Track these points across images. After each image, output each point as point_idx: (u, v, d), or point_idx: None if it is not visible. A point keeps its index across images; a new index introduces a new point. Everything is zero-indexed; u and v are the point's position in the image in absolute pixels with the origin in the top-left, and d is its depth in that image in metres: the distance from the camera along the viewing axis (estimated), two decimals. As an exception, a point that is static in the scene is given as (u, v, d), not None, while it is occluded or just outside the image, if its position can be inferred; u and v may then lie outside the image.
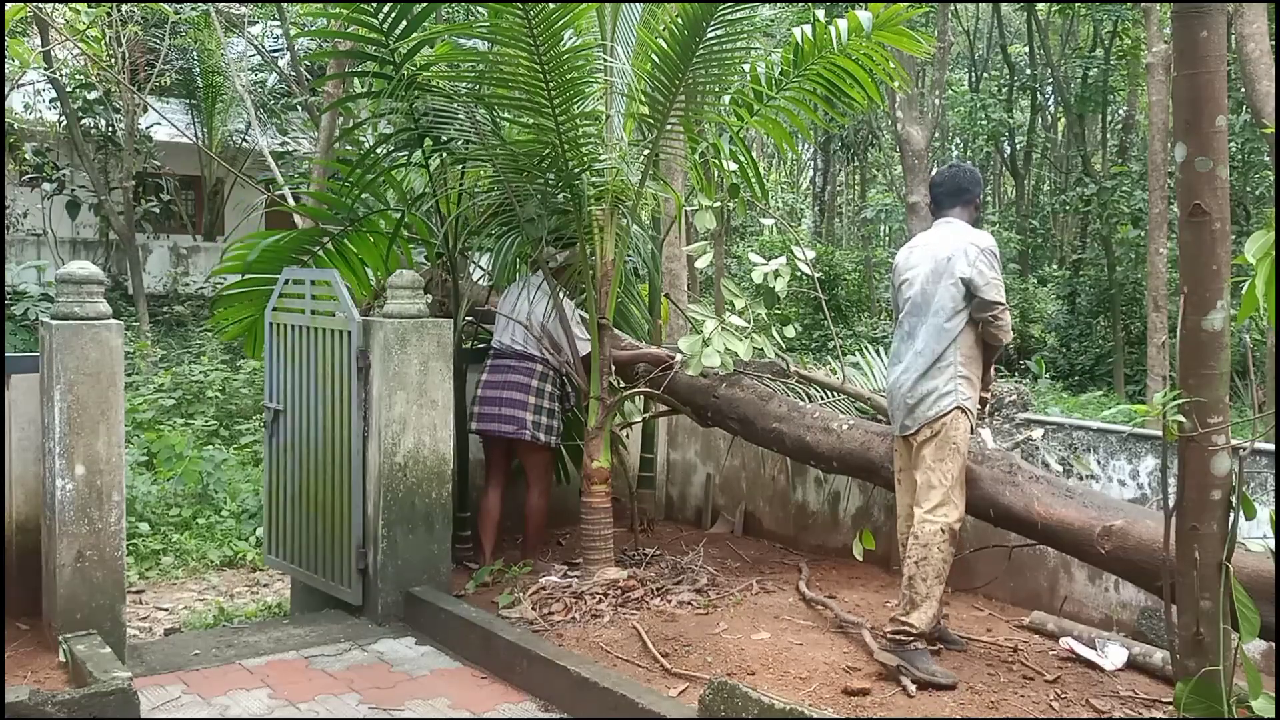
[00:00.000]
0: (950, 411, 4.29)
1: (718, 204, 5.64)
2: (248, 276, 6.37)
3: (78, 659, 4.23)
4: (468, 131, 5.69)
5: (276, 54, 16.83)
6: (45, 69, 14.49)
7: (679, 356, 5.43)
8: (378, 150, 6.07)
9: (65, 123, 16.02)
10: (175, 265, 19.33)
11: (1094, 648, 4.53)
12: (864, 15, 5.41)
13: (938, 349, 4.33)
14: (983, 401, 4.53)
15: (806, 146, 23.66)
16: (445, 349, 5.41)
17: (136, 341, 13.68)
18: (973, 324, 4.35)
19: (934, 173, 4.82)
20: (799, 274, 5.43)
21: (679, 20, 4.92)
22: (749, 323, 5.32)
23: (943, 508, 4.29)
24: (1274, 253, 2.96)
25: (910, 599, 4.27)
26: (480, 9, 5.46)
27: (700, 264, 5.65)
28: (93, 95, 16.05)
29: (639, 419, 6.56)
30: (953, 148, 23.86)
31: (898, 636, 4.26)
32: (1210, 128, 3.18)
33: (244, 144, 19.47)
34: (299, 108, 16.03)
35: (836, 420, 5.17)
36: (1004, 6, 21.03)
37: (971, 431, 4.41)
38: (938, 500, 4.30)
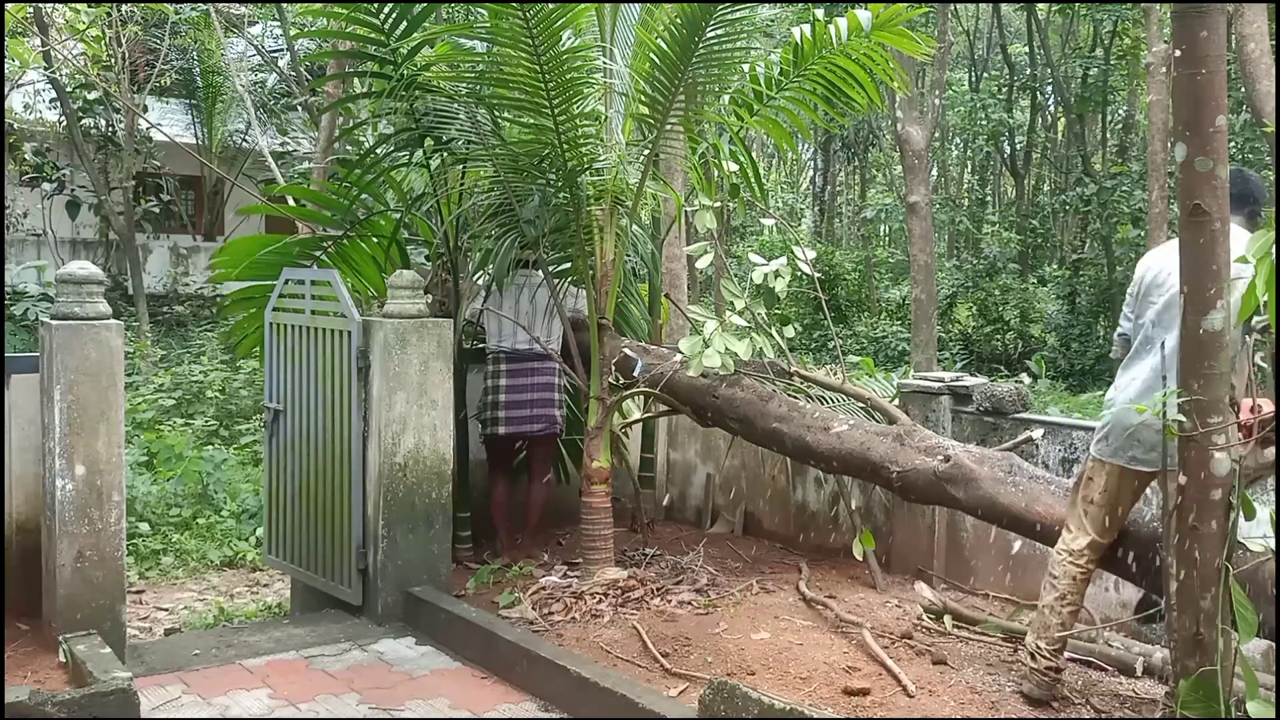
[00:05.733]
0: None
1: (718, 204, 5.63)
2: (254, 283, 6.37)
3: (78, 659, 4.23)
4: (468, 132, 5.70)
5: (276, 54, 16.82)
6: (45, 69, 14.48)
7: (677, 357, 5.43)
8: (378, 150, 6.07)
9: (65, 123, 16.00)
10: (175, 265, 19.33)
11: (1092, 662, 4.50)
12: (864, 15, 5.41)
13: None
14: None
15: (806, 146, 23.67)
16: (445, 349, 5.41)
17: (136, 341, 13.68)
18: None
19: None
20: (799, 274, 5.42)
21: (678, 20, 4.92)
22: (749, 323, 5.32)
23: None
24: (1274, 253, 2.97)
25: None
26: (480, 9, 5.46)
27: (700, 264, 5.65)
28: (93, 95, 16.04)
29: (638, 418, 6.58)
30: (953, 148, 23.86)
31: None
32: (1210, 128, 3.18)
33: (244, 144, 19.47)
34: (299, 108, 16.03)
35: (836, 420, 5.17)
36: (1004, 6, 21.02)
37: None
38: None
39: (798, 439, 5.21)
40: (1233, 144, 13.54)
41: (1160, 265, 3.99)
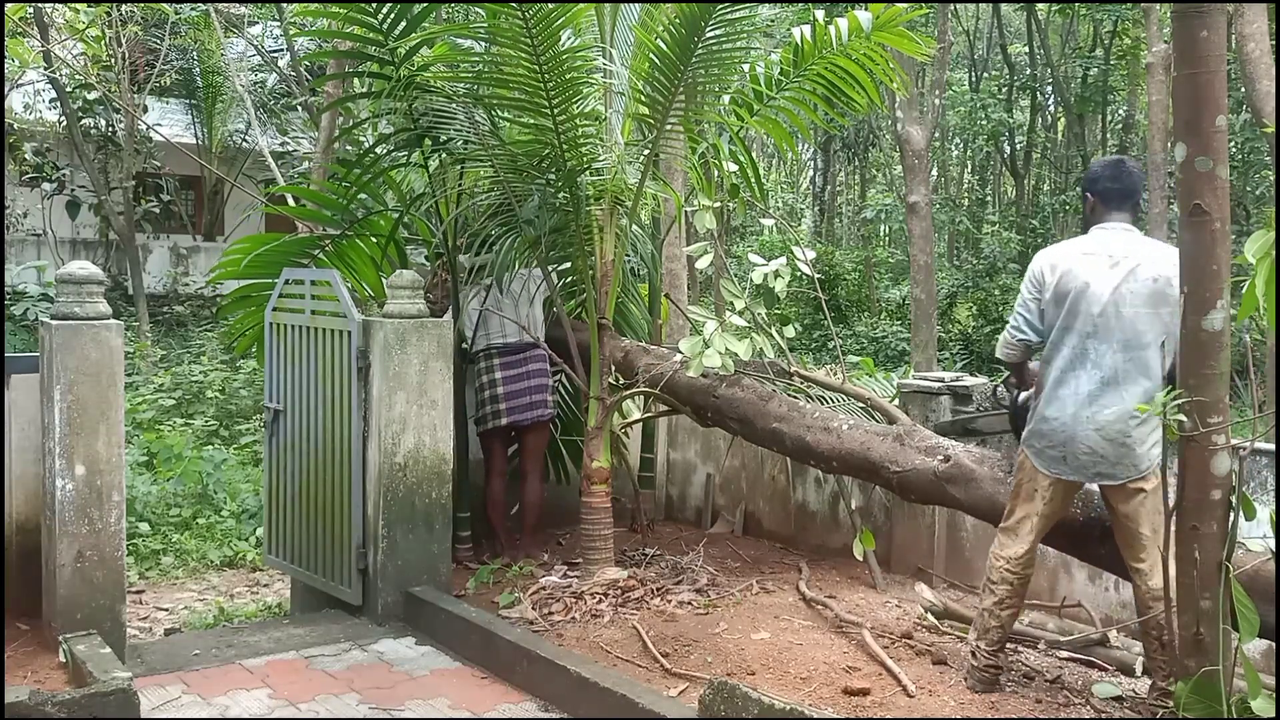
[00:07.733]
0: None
1: (718, 204, 5.63)
2: (252, 281, 6.37)
3: (78, 659, 4.23)
4: (467, 132, 5.70)
5: (276, 54, 16.81)
6: (45, 69, 14.48)
7: (677, 357, 5.43)
8: (377, 150, 6.07)
9: (65, 123, 16.00)
10: (175, 265, 19.33)
11: (1092, 664, 4.49)
12: (864, 16, 5.40)
13: (1146, 386, 3.75)
14: None
15: (806, 146, 23.65)
16: (445, 349, 5.41)
17: (136, 341, 13.68)
18: None
19: (1094, 164, 4.12)
20: (799, 274, 5.42)
21: (677, 20, 4.92)
22: (749, 323, 5.31)
23: None
24: (1274, 253, 2.97)
25: None
26: (479, 9, 5.46)
27: (700, 264, 5.65)
28: (93, 95, 16.04)
29: (638, 418, 6.58)
30: (953, 148, 23.85)
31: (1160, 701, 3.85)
32: (1210, 128, 3.18)
33: (244, 144, 19.46)
34: (299, 108, 16.02)
35: (836, 420, 5.16)
36: (1004, 6, 21.02)
37: None
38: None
39: (798, 439, 5.21)
40: (1233, 144, 13.53)
41: (1085, 273, 3.85)
